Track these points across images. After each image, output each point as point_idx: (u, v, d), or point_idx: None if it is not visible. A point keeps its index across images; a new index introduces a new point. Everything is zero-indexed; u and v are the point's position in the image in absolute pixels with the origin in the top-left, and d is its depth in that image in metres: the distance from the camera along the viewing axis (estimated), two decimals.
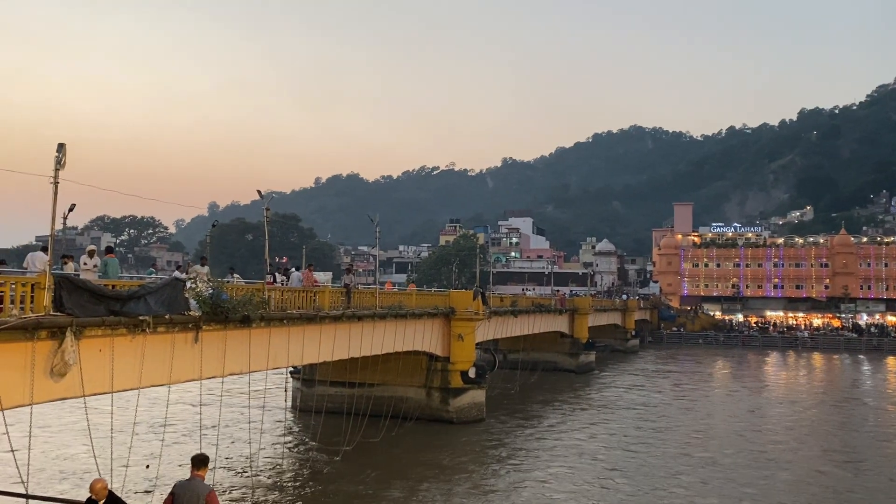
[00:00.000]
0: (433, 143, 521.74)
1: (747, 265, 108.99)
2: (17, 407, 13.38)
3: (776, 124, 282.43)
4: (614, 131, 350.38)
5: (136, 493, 20.47)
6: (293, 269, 29.36)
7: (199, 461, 9.54)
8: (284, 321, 22.23)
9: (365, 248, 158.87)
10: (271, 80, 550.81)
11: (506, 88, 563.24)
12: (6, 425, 12.71)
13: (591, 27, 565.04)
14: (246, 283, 23.39)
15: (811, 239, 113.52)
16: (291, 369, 36.63)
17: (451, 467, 26.69)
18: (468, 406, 35.35)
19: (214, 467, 23.48)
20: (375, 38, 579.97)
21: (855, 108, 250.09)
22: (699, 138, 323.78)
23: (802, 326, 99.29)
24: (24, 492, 12.21)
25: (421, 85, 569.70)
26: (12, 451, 13.20)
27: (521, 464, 27.40)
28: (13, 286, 13.43)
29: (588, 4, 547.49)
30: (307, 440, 30.46)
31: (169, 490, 9.52)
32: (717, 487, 24.36)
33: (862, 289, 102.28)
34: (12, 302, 13.16)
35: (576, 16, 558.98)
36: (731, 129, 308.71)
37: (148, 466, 19.48)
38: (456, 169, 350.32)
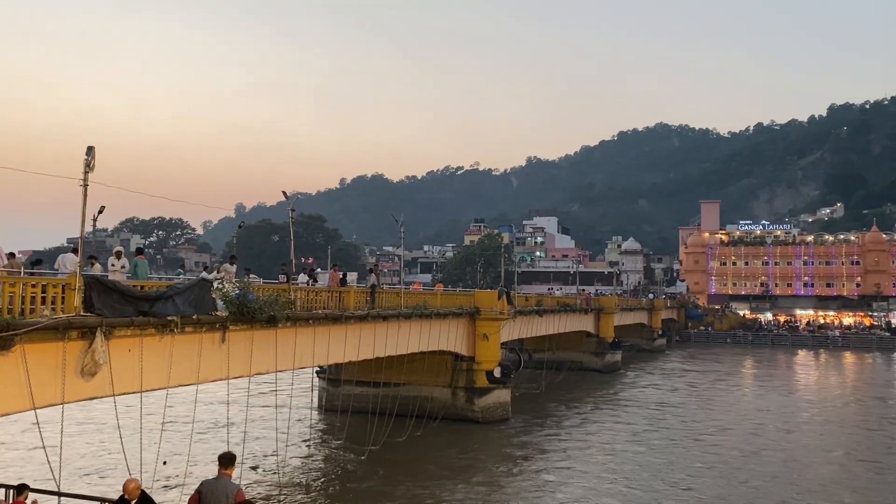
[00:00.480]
0: (457, 143, 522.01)
1: (776, 263, 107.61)
2: (49, 406, 13.62)
3: (805, 120, 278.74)
4: (640, 129, 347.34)
5: (156, 489, 20.69)
6: (319, 270, 29.54)
7: (227, 460, 9.47)
8: (310, 321, 22.37)
9: (390, 249, 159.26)
10: (296, 83, 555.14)
11: (530, 87, 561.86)
12: (38, 424, 12.94)
13: (616, 24, 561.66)
14: (264, 283, 23.59)
15: (842, 236, 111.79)
16: (318, 369, 36.85)
17: (474, 467, 26.69)
18: (493, 405, 35.30)
19: (241, 466, 23.71)
20: (400, 39, 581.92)
21: (886, 102, 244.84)
22: (726, 135, 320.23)
23: (833, 325, 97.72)
24: (55, 489, 12.41)
25: (445, 85, 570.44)
26: (44, 448, 13.42)
27: (546, 464, 27.31)
28: (45, 287, 13.66)
29: (613, 1, 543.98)
30: (333, 440, 30.60)
31: (195, 488, 9.52)
32: (737, 489, 24.08)
33: (895, 287, 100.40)
34: (44, 302, 13.38)
35: (600, 13, 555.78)
36: (759, 125, 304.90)
37: (165, 463, 19.74)
38: (480, 168, 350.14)
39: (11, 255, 15.95)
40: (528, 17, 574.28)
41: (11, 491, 11.04)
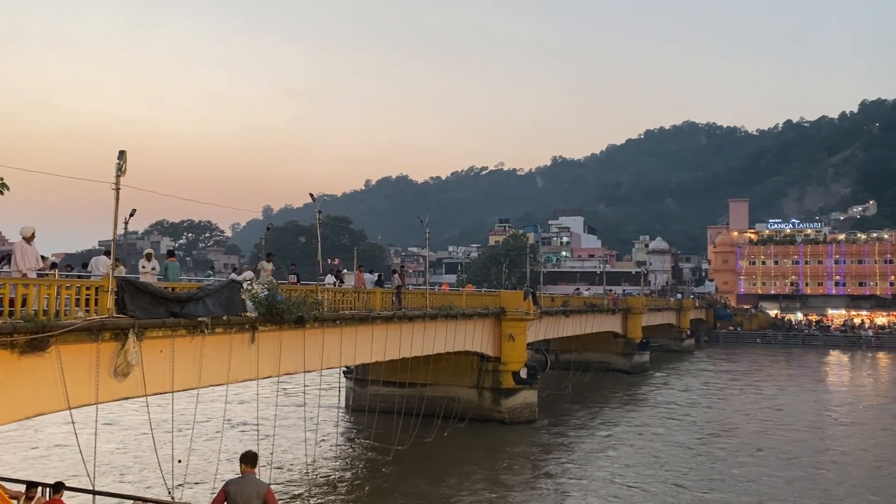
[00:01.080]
0: (481, 143, 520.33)
1: (807, 262, 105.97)
2: (83, 406, 13.90)
3: (836, 117, 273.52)
4: (667, 127, 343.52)
5: (175, 487, 20.94)
6: (345, 271, 29.76)
7: (251, 458, 9.43)
8: (337, 322, 22.56)
9: (415, 249, 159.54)
10: (320, 84, 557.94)
11: (555, 86, 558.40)
12: (73, 423, 13.21)
13: (642, 21, 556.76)
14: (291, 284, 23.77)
15: (874, 234, 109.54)
16: (344, 369, 37.08)
17: (501, 468, 26.70)
18: (520, 406, 35.25)
19: (270, 465, 23.98)
20: (423, 38, 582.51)
21: None
22: (755, 133, 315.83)
23: (866, 325, 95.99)
24: (90, 487, 12.66)
25: (468, 85, 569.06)
26: (79, 448, 13.70)
27: (570, 465, 27.22)
28: (78, 289, 13.94)
29: None
30: (360, 440, 30.80)
31: (221, 487, 9.55)
32: (749, 486, 23.81)
33: None
34: (77, 304, 13.66)
35: (626, 10, 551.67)
36: (788, 122, 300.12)
37: (180, 461, 20.05)
38: (505, 168, 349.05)
39: (43, 258, 16.27)
40: (552, 15, 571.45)
41: (48, 489, 11.30)
